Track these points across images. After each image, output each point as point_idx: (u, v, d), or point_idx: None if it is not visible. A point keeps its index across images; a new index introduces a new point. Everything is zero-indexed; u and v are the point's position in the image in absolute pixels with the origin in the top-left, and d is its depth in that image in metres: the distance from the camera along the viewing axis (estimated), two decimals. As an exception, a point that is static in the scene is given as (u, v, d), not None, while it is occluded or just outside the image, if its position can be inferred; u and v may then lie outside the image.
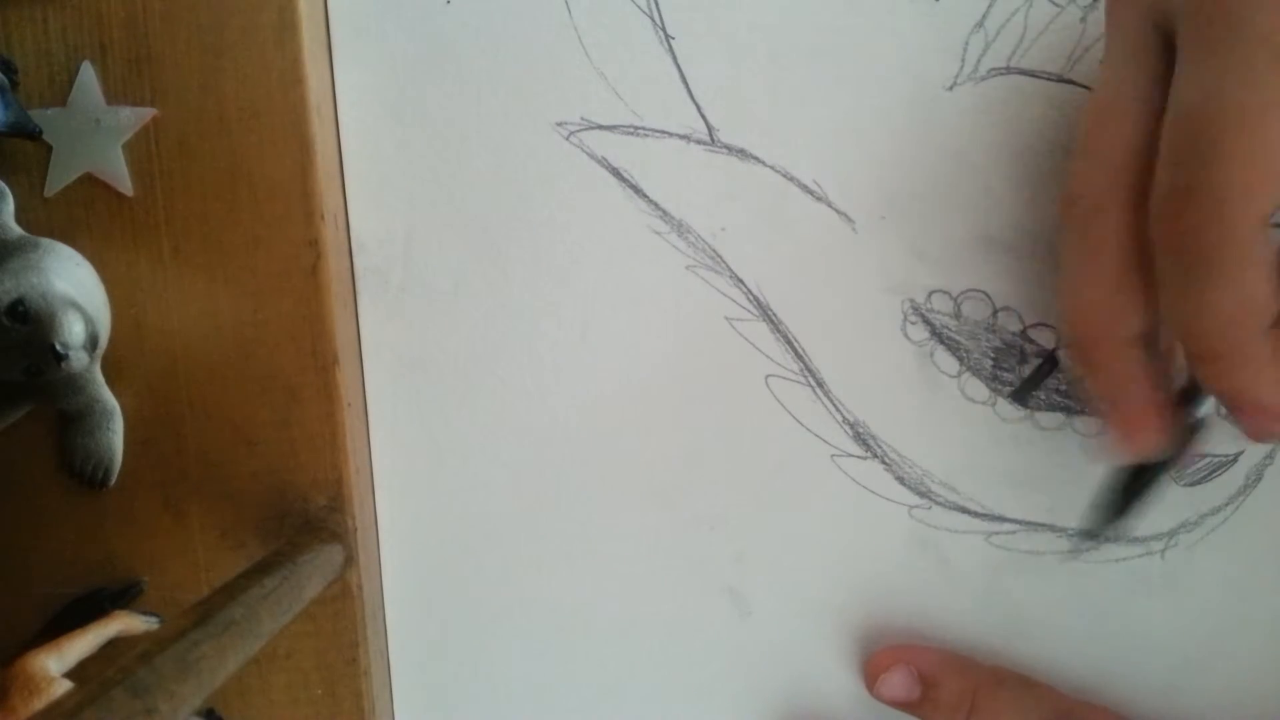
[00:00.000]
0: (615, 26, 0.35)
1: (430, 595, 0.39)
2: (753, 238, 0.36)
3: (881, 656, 0.36)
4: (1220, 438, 0.34)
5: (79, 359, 0.33)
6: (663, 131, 0.36)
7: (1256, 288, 0.25)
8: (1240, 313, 0.25)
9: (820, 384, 0.36)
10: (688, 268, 0.36)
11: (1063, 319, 0.31)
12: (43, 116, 0.35)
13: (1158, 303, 0.27)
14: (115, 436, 0.36)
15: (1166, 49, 0.27)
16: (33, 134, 0.34)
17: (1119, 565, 0.35)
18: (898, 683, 0.35)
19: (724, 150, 0.36)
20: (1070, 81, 0.34)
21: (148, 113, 0.35)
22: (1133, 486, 0.31)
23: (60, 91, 0.35)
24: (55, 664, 0.32)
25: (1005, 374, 0.35)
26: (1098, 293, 0.28)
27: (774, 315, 0.36)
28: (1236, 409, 0.27)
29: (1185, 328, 0.26)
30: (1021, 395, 0.35)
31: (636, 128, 0.36)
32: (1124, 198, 0.27)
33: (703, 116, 0.36)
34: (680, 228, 0.36)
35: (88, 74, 0.35)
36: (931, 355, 0.35)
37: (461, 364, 0.38)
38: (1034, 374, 0.35)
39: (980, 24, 0.34)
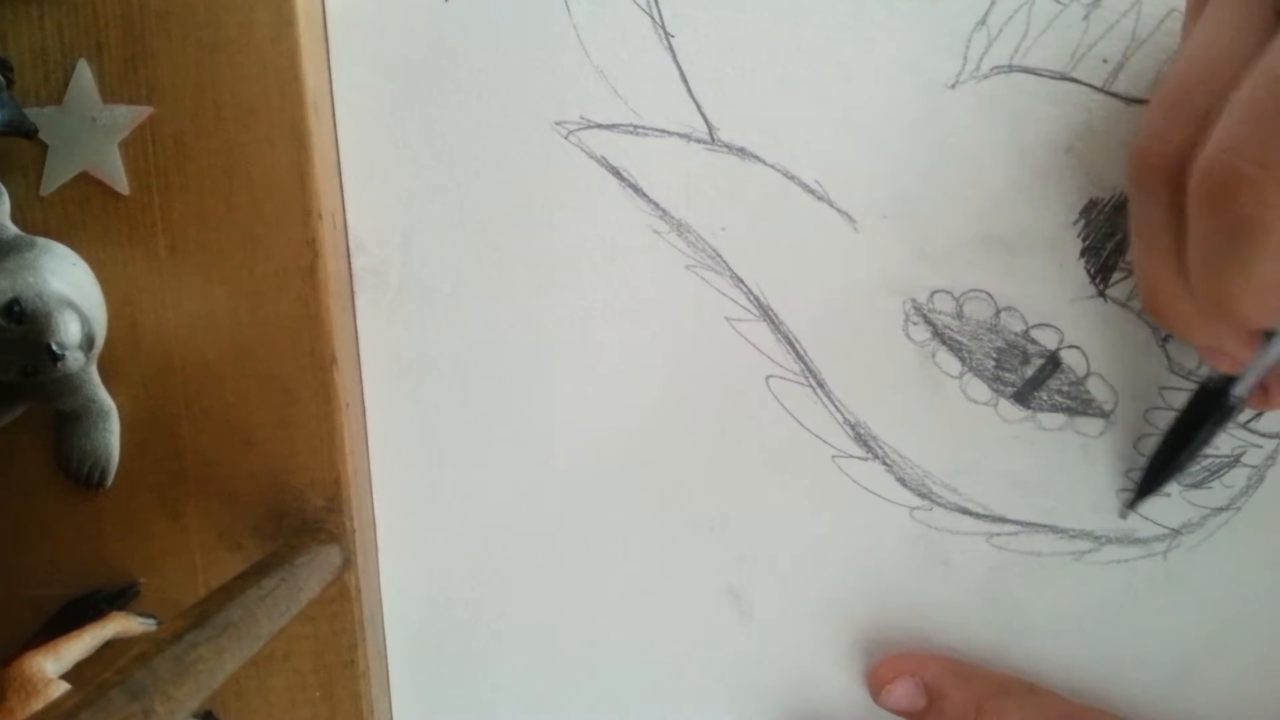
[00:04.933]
0: (615, 24, 0.35)
1: (429, 597, 0.39)
2: (753, 237, 0.36)
3: (885, 666, 0.36)
4: (1222, 438, 0.34)
5: (75, 359, 0.32)
6: (662, 130, 0.36)
7: None
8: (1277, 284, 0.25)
9: (821, 384, 0.36)
10: (688, 267, 0.36)
11: (1141, 294, 0.31)
12: (38, 115, 0.35)
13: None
14: (111, 437, 0.36)
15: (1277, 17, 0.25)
16: (28, 133, 0.34)
17: (1121, 567, 0.35)
18: (903, 693, 0.35)
19: (724, 149, 0.35)
20: (1073, 80, 0.33)
21: (144, 111, 0.35)
22: (1182, 443, 0.33)
23: (56, 90, 0.35)
24: (52, 666, 0.32)
25: (1007, 375, 0.35)
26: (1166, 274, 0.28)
27: (775, 315, 0.36)
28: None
29: (1213, 296, 0.26)
30: (1024, 396, 0.35)
31: (636, 126, 0.36)
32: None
33: (703, 115, 0.35)
34: (680, 227, 0.36)
35: (83, 72, 0.35)
36: (933, 356, 0.35)
37: (460, 364, 0.37)
38: (1036, 375, 0.35)
39: (982, 21, 0.34)
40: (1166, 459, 0.33)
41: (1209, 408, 0.32)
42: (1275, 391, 0.31)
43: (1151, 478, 0.34)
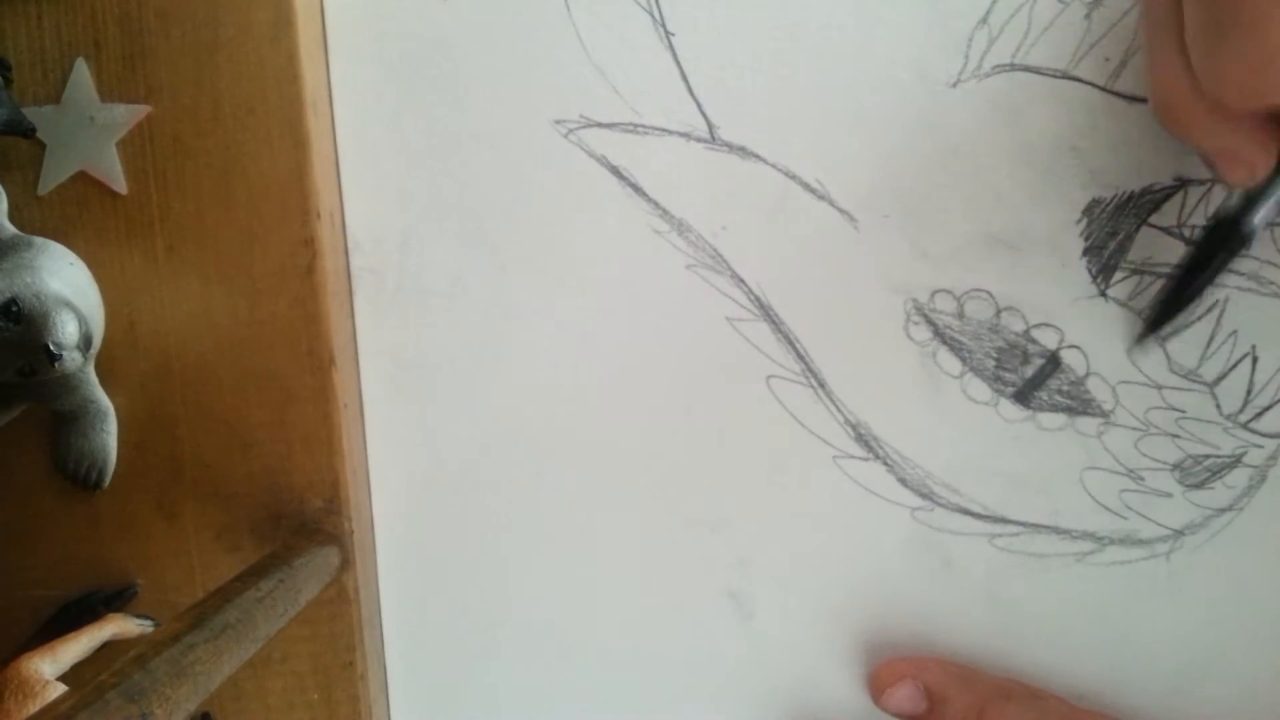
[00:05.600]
0: (614, 23, 0.35)
1: (427, 598, 0.39)
2: (754, 237, 0.36)
3: (886, 669, 0.35)
4: (1223, 438, 0.34)
5: (73, 359, 0.32)
6: (662, 129, 0.35)
7: None
8: (1265, 63, 0.25)
9: (822, 384, 0.36)
10: (688, 267, 0.36)
11: (1151, 100, 0.31)
12: (36, 114, 0.35)
13: None
14: (109, 437, 0.36)
15: None
16: (26, 132, 0.34)
17: (1124, 568, 0.35)
18: (904, 697, 0.35)
19: (725, 148, 0.35)
20: (1075, 79, 0.33)
21: (142, 110, 0.35)
22: (1191, 276, 0.32)
23: (54, 89, 0.35)
24: (49, 667, 0.32)
25: (1008, 374, 0.35)
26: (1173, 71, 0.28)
27: (775, 315, 0.36)
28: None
29: (1210, 80, 0.27)
30: (1024, 396, 0.35)
31: (636, 125, 0.36)
32: None
33: (703, 114, 0.35)
34: (680, 226, 0.36)
35: (81, 71, 0.35)
36: (934, 355, 0.35)
37: (459, 364, 0.37)
38: (1037, 374, 0.35)
39: (984, 20, 0.34)
40: (1178, 292, 0.32)
41: (1223, 239, 0.31)
42: None
43: (1162, 311, 0.33)
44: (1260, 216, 0.30)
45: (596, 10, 0.35)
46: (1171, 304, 0.32)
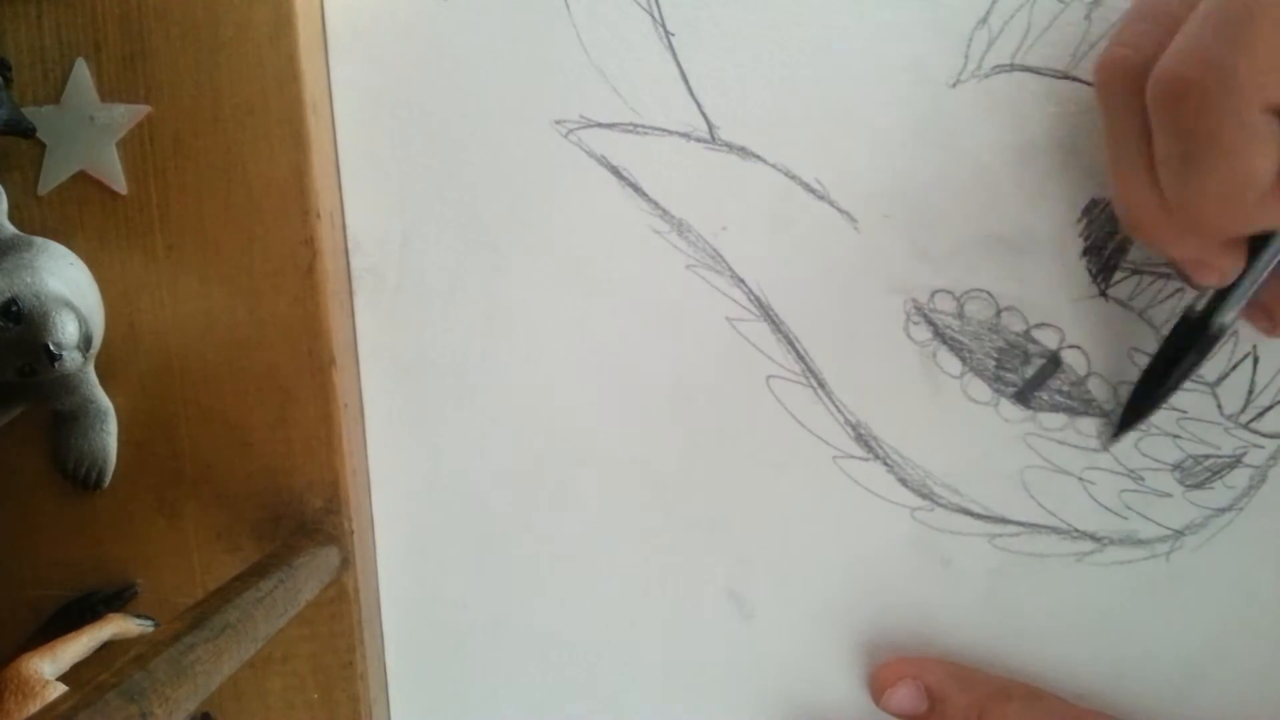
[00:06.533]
0: (614, 23, 0.35)
1: (427, 598, 0.39)
2: (754, 237, 0.36)
3: (887, 669, 0.35)
4: (1224, 438, 0.34)
5: (73, 359, 0.32)
6: (662, 129, 0.35)
7: (1255, 170, 0.25)
8: (1237, 194, 0.26)
9: (822, 385, 0.36)
10: (688, 267, 0.36)
11: (1118, 212, 0.32)
12: (36, 114, 0.35)
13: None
14: (109, 437, 0.36)
15: None
16: (26, 132, 0.34)
17: (1124, 568, 0.35)
18: (904, 697, 0.35)
19: (725, 148, 0.35)
20: (1075, 79, 0.33)
21: (142, 110, 0.35)
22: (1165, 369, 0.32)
23: (54, 89, 0.35)
24: (49, 667, 0.32)
25: (1008, 375, 0.35)
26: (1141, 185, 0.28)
27: (775, 315, 0.36)
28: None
29: (1181, 205, 0.27)
30: (1024, 396, 0.35)
31: (636, 125, 0.36)
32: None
33: (703, 114, 0.35)
34: (680, 227, 0.36)
35: (81, 71, 0.35)
36: (934, 356, 0.35)
37: (459, 364, 0.37)
38: (1037, 375, 0.35)
39: (984, 20, 0.34)
40: (1148, 392, 0.33)
41: (1192, 338, 0.31)
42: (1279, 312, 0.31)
43: (1133, 411, 0.33)
44: (1228, 316, 0.31)
45: (596, 10, 0.35)
46: (1143, 403, 0.33)
